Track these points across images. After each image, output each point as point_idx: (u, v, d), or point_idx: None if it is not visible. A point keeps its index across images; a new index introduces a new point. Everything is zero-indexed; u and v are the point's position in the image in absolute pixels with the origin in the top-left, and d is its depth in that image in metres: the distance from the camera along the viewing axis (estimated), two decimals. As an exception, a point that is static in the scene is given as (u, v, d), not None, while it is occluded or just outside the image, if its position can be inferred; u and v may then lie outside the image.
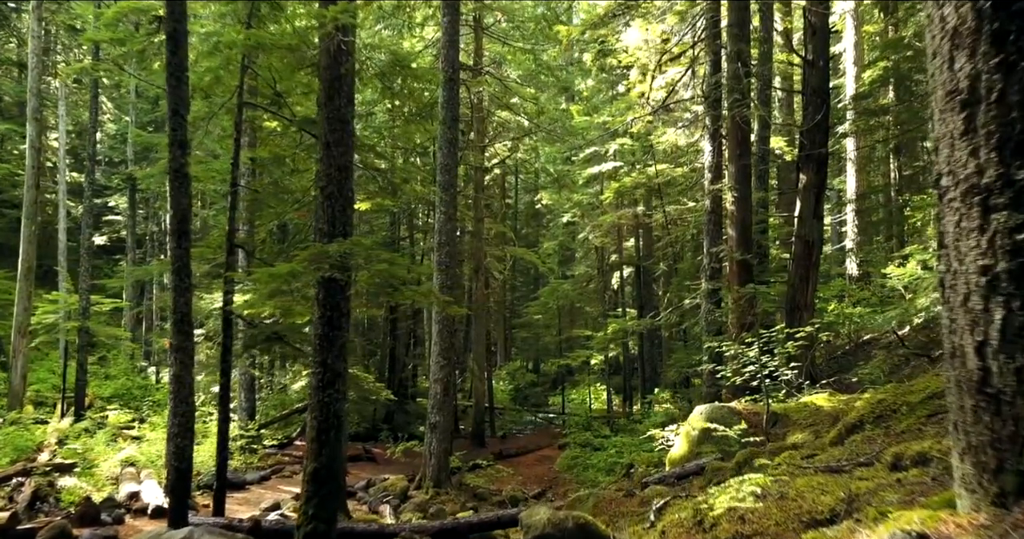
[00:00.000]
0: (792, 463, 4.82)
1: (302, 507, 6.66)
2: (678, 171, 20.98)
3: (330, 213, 7.02)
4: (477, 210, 22.00)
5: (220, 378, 9.06)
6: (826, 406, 8.28)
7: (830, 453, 4.98)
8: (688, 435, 8.81)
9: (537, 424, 28.66)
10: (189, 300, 8.32)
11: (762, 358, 8.33)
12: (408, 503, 13.14)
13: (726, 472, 7.03)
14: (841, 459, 4.53)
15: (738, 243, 12.61)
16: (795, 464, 4.76)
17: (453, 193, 14.70)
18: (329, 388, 6.86)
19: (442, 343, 14.40)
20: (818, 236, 12.40)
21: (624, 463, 15.66)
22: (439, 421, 14.31)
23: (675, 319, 15.19)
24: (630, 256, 27.13)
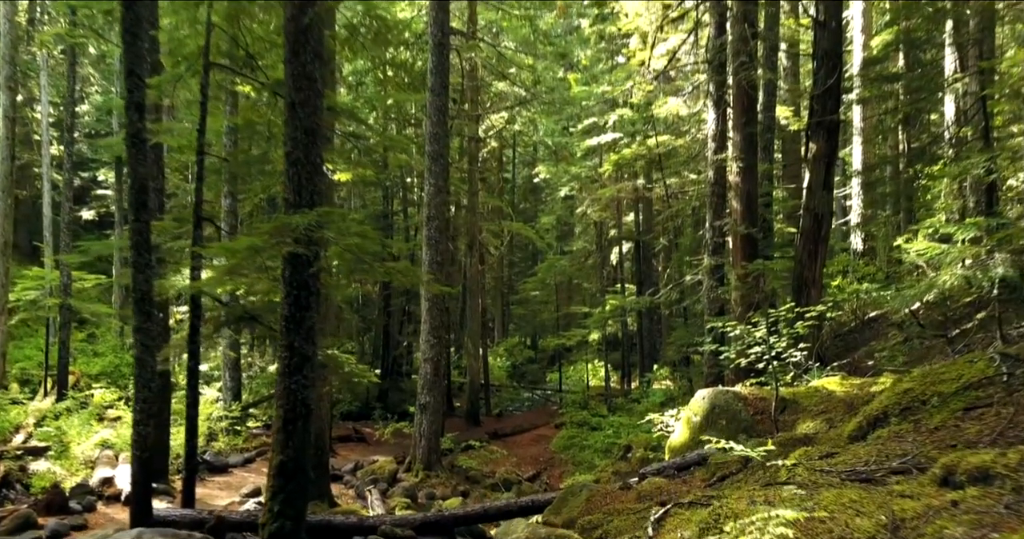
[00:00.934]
0: (810, 465, 4.21)
1: (267, 503, 6.09)
2: (679, 142, 20.22)
3: (296, 181, 6.35)
4: (471, 183, 21.28)
5: (188, 361, 8.45)
6: (838, 391, 7.68)
7: (853, 452, 4.37)
8: (689, 421, 8.23)
9: (534, 401, 28.21)
10: (150, 278, 7.68)
11: (770, 339, 7.71)
12: (396, 487, 12.65)
13: (731, 466, 6.45)
14: (869, 461, 3.92)
15: (743, 216, 11.93)
16: (814, 466, 4.15)
17: (443, 164, 13.99)
18: (296, 374, 6.25)
19: (432, 321, 13.80)
20: (828, 209, 11.71)
21: (621, 444, 15.16)
22: (429, 402, 13.77)
23: (675, 296, 14.58)
24: (629, 231, 26.44)
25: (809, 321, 7.98)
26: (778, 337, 7.98)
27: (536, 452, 17.75)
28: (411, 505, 11.90)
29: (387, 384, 25.21)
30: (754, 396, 7.99)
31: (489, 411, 23.33)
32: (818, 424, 6.81)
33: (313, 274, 6.35)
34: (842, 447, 4.79)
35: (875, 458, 3.97)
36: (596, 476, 13.13)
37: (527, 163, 39.04)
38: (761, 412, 7.77)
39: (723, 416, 7.85)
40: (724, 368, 11.88)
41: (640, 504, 6.18)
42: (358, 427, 18.96)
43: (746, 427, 7.64)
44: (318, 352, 9.09)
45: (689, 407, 8.39)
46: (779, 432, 7.03)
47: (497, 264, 35.57)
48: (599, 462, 14.75)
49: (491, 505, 7.71)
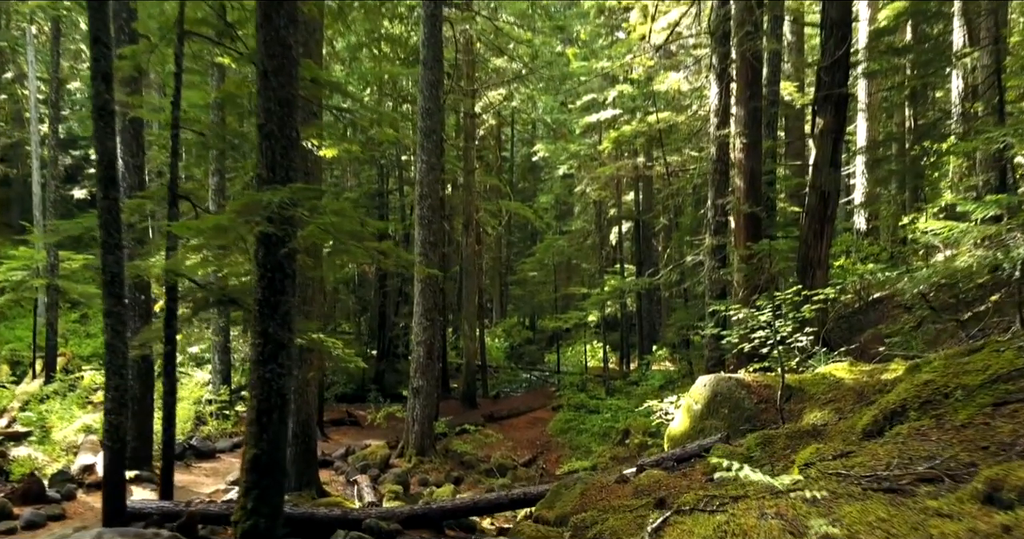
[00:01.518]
0: (825, 467, 3.82)
1: (240, 500, 5.72)
2: (680, 118, 19.67)
3: (269, 156, 5.90)
4: (467, 161, 20.78)
5: (164, 346, 8.05)
6: (847, 378, 7.29)
7: (871, 451, 3.97)
8: (689, 409, 7.85)
9: (532, 382, 27.91)
10: (120, 258, 7.24)
11: (775, 323, 7.30)
12: (388, 473, 12.32)
13: (734, 457, 6.06)
14: (891, 464, 3.52)
15: (746, 194, 11.49)
16: (828, 469, 3.76)
17: (436, 140, 13.51)
18: (271, 362, 5.85)
19: (425, 303, 13.40)
20: (835, 187, 11.25)
21: (619, 429, 14.84)
22: (423, 385, 13.41)
23: (675, 278, 14.17)
24: (629, 210, 25.96)
25: (816, 304, 7.58)
26: (783, 321, 7.57)
27: (532, 435, 17.44)
28: (403, 493, 11.58)
29: (383, 365, 24.91)
30: (758, 383, 7.61)
31: (486, 393, 23.02)
32: (826, 414, 6.43)
33: (288, 255, 5.93)
34: (857, 444, 4.39)
35: (897, 461, 3.57)
36: (593, 462, 12.83)
37: (526, 141, 38.48)
38: (765, 400, 7.39)
39: (725, 404, 7.47)
40: (725, 352, 11.51)
41: (637, 500, 5.81)
42: (351, 410, 18.63)
43: (749, 416, 7.26)
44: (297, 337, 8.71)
45: (689, 394, 8.01)
46: (785, 422, 6.65)
47: (495, 244, 35.12)
48: (596, 447, 14.44)
49: (481, 498, 7.35)
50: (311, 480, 10.49)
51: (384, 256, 6.37)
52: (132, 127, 11.25)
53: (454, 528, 7.55)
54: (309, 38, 10.83)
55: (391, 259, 6.42)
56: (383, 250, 6.37)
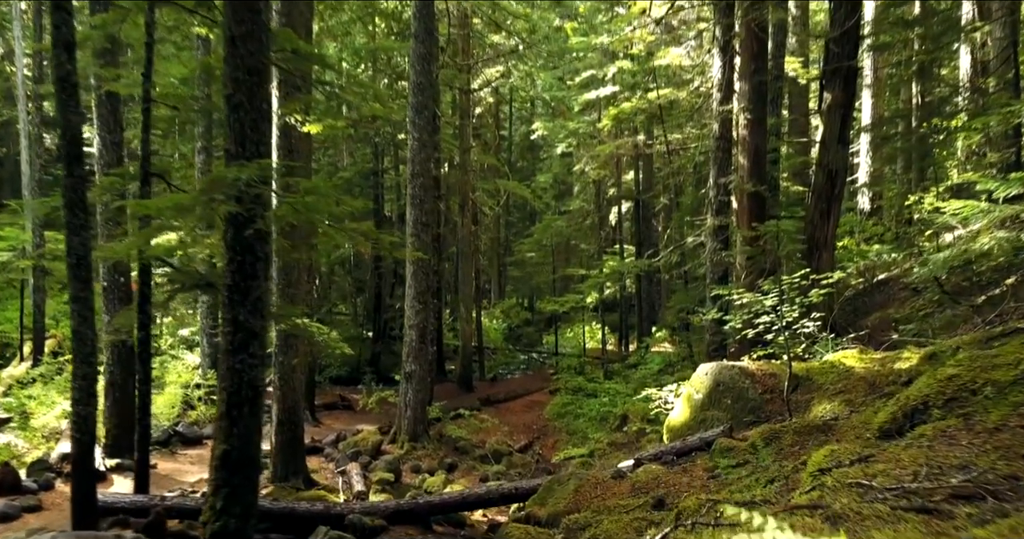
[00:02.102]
0: (842, 475, 3.42)
1: (208, 499, 5.34)
2: (681, 95, 19.12)
3: (238, 130, 5.44)
4: (463, 139, 20.25)
5: (138, 332, 7.65)
6: (857, 367, 6.90)
7: (893, 456, 3.57)
8: (690, 399, 7.47)
9: (530, 363, 27.60)
10: (87, 240, 6.83)
11: (781, 308, 6.89)
12: (380, 460, 11.97)
13: (738, 454, 5.69)
14: (919, 475, 3.12)
15: (750, 173, 11.03)
16: (847, 478, 3.36)
17: (428, 116, 13.01)
18: (241, 352, 5.44)
19: (417, 286, 12.98)
20: (843, 164, 10.80)
21: (617, 414, 14.51)
22: (415, 370, 13.04)
23: (676, 259, 13.74)
24: (629, 189, 25.47)
25: (825, 289, 7.16)
26: (789, 306, 7.17)
27: (529, 419, 17.12)
28: (394, 481, 11.25)
29: (379, 347, 24.56)
30: (763, 372, 7.21)
31: (483, 375, 22.69)
32: (837, 406, 6.04)
33: (260, 237, 5.50)
34: (876, 446, 3.99)
35: (926, 470, 3.17)
36: (590, 449, 12.49)
37: (525, 119, 37.85)
38: (770, 390, 7.00)
39: (728, 394, 7.09)
40: (727, 337, 11.13)
41: (635, 498, 5.44)
42: (345, 394, 18.29)
43: (753, 408, 6.88)
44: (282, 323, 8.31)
45: (690, 383, 7.62)
46: (792, 415, 6.26)
47: (493, 224, 34.64)
48: (594, 433, 14.11)
49: (470, 493, 6.99)
50: (298, 469, 10.16)
51: (365, 238, 5.95)
52: (109, 102, 10.77)
53: (442, 523, 7.20)
54: (292, 8, 10.32)
55: (373, 241, 6.00)
56: (364, 231, 5.94)
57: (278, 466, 10.07)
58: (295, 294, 10.01)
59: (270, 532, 7.09)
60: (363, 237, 5.94)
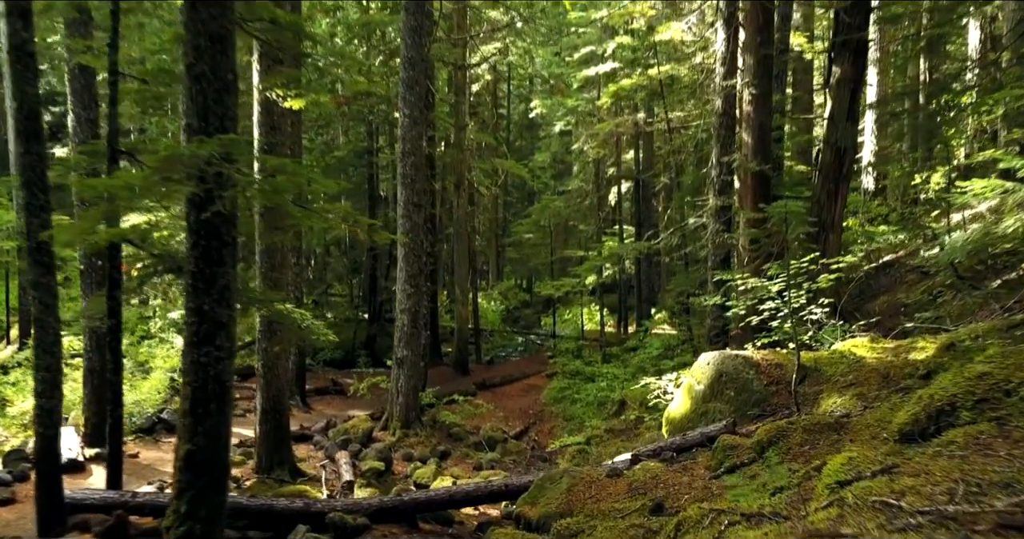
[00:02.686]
0: (865, 491, 3.02)
1: (173, 502, 4.96)
2: (683, 71, 18.55)
3: (200, 102, 4.99)
4: (458, 117, 19.70)
5: (108, 319, 7.24)
6: (869, 357, 6.49)
7: (921, 467, 3.17)
8: (691, 390, 7.07)
9: (528, 346, 27.26)
10: (48, 222, 6.39)
11: (789, 293, 6.46)
12: (370, 448, 11.63)
13: (741, 453, 5.30)
14: (955, 494, 2.72)
15: (754, 151, 10.56)
16: (871, 494, 2.96)
17: (419, 92, 12.49)
18: (207, 344, 5.03)
19: (409, 268, 12.56)
20: (852, 142, 10.34)
21: (615, 399, 14.15)
22: (407, 355, 12.66)
23: (676, 241, 13.30)
24: (629, 169, 24.97)
25: (835, 274, 6.73)
26: (796, 292, 6.75)
27: (525, 404, 16.78)
28: (384, 470, 10.91)
29: (375, 329, 24.20)
30: (768, 362, 6.81)
31: (480, 358, 22.35)
32: (848, 400, 5.64)
33: (227, 220, 5.06)
34: (898, 454, 3.58)
35: (963, 488, 2.77)
36: (587, 436, 12.15)
37: (523, 98, 37.18)
38: (776, 382, 6.61)
39: (731, 385, 6.69)
40: (729, 321, 10.73)
41: (631, 500, 5.06)
42: (337, 378, 17.95)
43: (758, 400, 6.49)
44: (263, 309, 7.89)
45: (691, 373, 7.22)
46: (800, 409, 5.87)
47: (491, 204, 34.13)
48: (591, 419, 13.76)
49: (457, 490, 6.62)
50: (284, 459, 9.81)
51: (342, 221, 5.51)
52: (83, 76, 10.26)
53: (429, 521, 6.84)
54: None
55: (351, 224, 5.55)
56: (343, 214, 5.49)
57: (263, 456, 9.72)
58: (279, 278, 9.60)
59: (248, 529, 6.74)
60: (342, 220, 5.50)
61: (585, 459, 11.23)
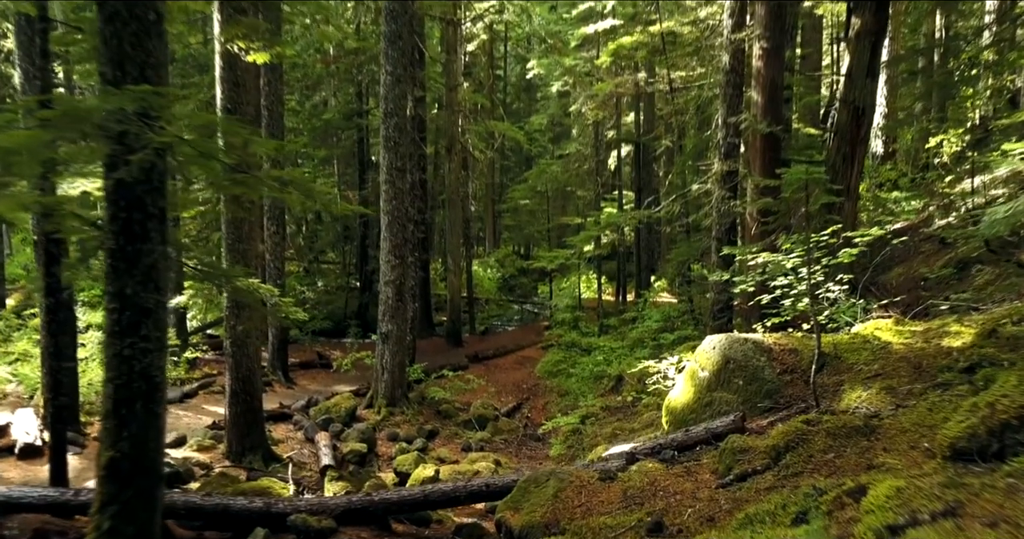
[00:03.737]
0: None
1: (94, 518, 4.28)
2: (686, 28, 17.52)
3: (115, 47, 4.16)
4: (450, 77, 18.73)
5: (43, 299, 6.52)
6: (895, 343, 5.77)
7: (994, 508, 2.46)
8: (694, 377, 6.36)
9: (524, 315, 26.63)
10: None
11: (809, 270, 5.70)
12: (352, 429, 11.00)
13: (753, 459, 4.60)
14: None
15: (765, 110, 9.71)
16: None
17: (404, 48, 11.57)
18: (131, 335, 4.29)
19: (393, 238, 11.78)
20: (871, 100, 9.49)
21: (612, 374, 13.52)
22: (392, 330, 11.97)
23: (678, 209, 12.50)
24: (629, 132, 24.02)
25: (857, 248, 5.95)
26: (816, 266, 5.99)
27: (519, 378, 16.17)
28: (367, 452, 10.31)
29: (366, 298, 23.49)
30: (781, 347, 6.08)
31: (474, 329, 21.71)
32: (875, 395, 4.93)
33: (153, 189, 4.29)
34: (956, 483, 2.86)
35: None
36: (582, 415, 11.52)
37: (521, 59, 35.94)
38: (791, 370, 5.89)
39: (739, 374, 5.98)
40: (734, 296, 10.01)
41: (626, 513, 4.39)
42: (324, 350, 17.28)
43: (770, 391, 5.78)
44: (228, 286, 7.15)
45: (695, 357, 6.51)
46: (819, 404, 5.16)
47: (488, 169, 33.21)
48: (587, 396, 13.15)
49: (434, 489, 5.95)
50: (256, 443, 9.16)
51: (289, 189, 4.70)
52: (29, 28, 9.35)
53: (403, 521, 6.21)
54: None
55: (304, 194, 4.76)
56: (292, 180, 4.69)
57: (233, 441, 9.07)
58: (247, 250, 8.83)
59: (204, 529, 6.10)
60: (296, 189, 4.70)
61: (579, 441, 10.62)
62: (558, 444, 10.70)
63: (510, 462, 10.48)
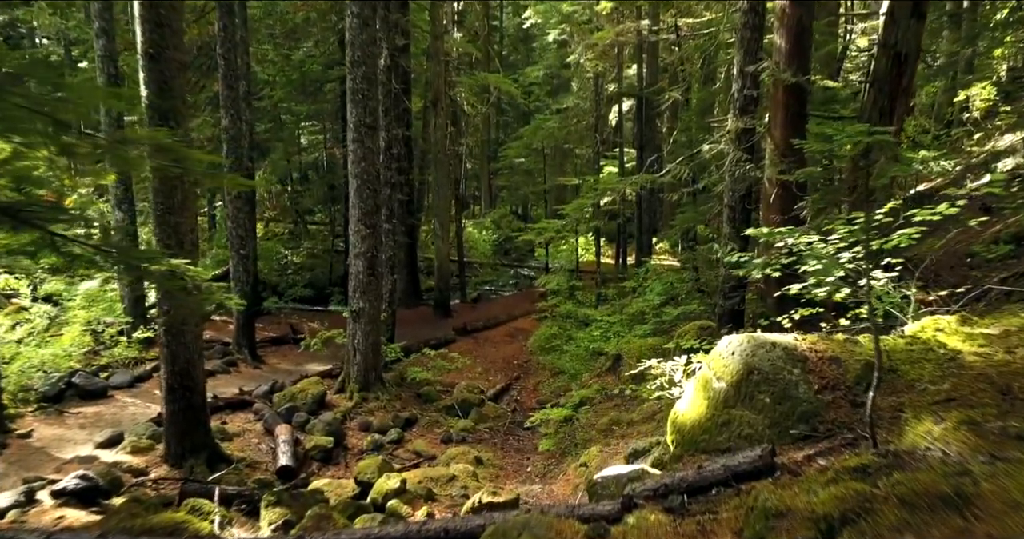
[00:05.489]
0: None
1: None
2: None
3: None
4: (435, 23, 17.11)
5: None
6: (966, 351, 4.52)
7: None
8: (707, 387, 5.12)
9: (519, 280, 25.40)
10: None
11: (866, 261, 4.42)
12: (318, 420, 9.86)
13: (795, 528, 3.38)
14: None
15: (790, 57, 8.28)
16: None
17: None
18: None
19: (363, 205, 10.46)
20: (916, 45, 8.05)
21: (610, 352, 12.33)
22: (364, 308, 10.74)
23: (686, 173, 11.12)
24: (631, 85, 22.41)
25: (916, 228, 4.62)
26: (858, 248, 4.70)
27: (510, 353, 15.02)
28: (332, 448, 9.20)
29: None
30: (818, 355, 4.82)
31: (464, 297, 20.50)
32: (953, 434, 3.68)
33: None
34: None
35: None
36: (575, 402, 10.37)
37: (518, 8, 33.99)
38: (832, 386, 4.64)
39: (766, 388, 4.74)
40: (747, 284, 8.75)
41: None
42: (300, 323, 16.08)
43: (806, 414, 4.54)
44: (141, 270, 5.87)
45: (709, 363, 5.26)
46: (875, 442, 3.92)
47: (484, 125, 31.63)
48: (581, 375, 12.00)
49: (380, 533, 4.77)
50: (199, 444, 8.00)
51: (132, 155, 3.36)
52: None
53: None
54: None
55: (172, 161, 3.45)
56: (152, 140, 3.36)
57: (171, 443, 7.91)
58: (180, 223, 7.52)
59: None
60: (129, 151, 3.38)
61: (572, 433, 9.48)
62: (548, 438, 9.57)
63: (494, 458, 9.36)
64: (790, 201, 8.25)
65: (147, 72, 7.18)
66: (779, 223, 8.41)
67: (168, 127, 7.32)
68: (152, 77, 7.18)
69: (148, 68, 7.17)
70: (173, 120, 7.31)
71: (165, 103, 7.22)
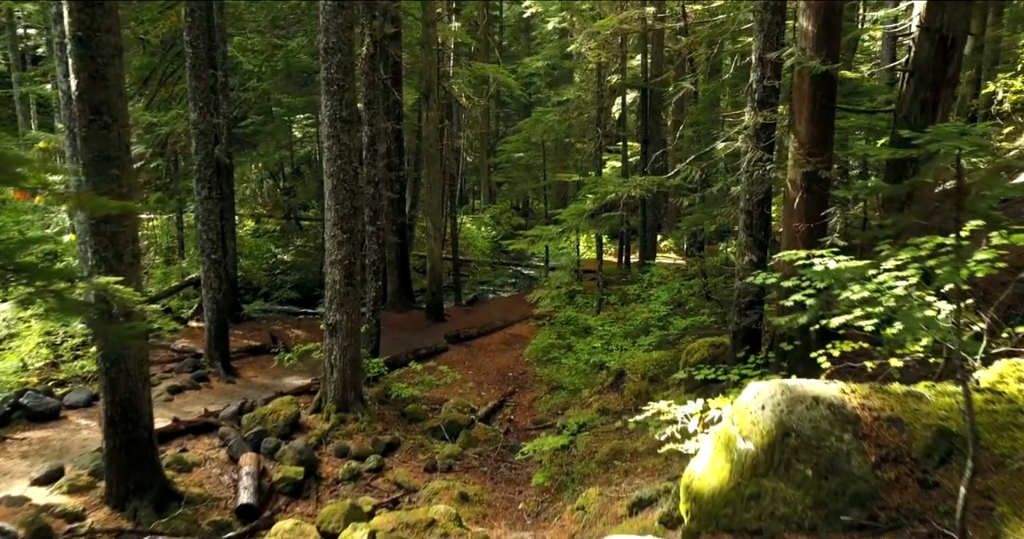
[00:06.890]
0: None
1: None
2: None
3: None
4: (427, 11, 16.07)
5: None
6: (1068, 415, 3.52)
7: None
8: (731, 447, 4.13)
9: (518, 279, 24.43)
10: None
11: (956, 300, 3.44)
12: (289, 446, 8.90)
13: None
14: None
15: (817, 43, 7.24)
16: None
17: (347, -36, 9.04)
18: None
19: (340, 207, 9.46)
20: (964, 29, 7.05)
21: (612, 367, 11.37)
22: (341, 321, 9.78)
23: (697, 175, 10.11)
24: (635, 76, 21.33)
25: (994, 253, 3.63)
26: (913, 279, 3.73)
27: (505, 363, 14.05)
28: (302, 480, 8.28)
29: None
30: (873, 414, 3.83)
31: (459, 300, 19.53)
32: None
33: None
34: None
35: None
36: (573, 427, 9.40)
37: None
38: (895, 458, 3.64)
39: (807, 457, 3.75)
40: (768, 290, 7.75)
41: None
42: (281, 331, 15.10)
43: (861, 495, 3.55)
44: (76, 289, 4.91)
45: (733, 417, 4.26)
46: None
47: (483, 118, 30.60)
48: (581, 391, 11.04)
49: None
50: (145, 483, 7.05)
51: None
52: None
53: None
54: None
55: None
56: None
57: (113, 482, 6.96)
58: (118, 233, 6.54)
59: None
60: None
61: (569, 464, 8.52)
62: (543, 469, 8.60)
63: (482, 492, 8.42)
64: (816, 206, 7.25)
65: (76, 59, 6.20)
66: (803, 232, 7.44)
67: (102, 122, 6.35)
68: (82, 65, 6.20)
69: (77, 54, 6.19)
70: (108, 115, 6.34)
71: (97, 95, 6.25)
